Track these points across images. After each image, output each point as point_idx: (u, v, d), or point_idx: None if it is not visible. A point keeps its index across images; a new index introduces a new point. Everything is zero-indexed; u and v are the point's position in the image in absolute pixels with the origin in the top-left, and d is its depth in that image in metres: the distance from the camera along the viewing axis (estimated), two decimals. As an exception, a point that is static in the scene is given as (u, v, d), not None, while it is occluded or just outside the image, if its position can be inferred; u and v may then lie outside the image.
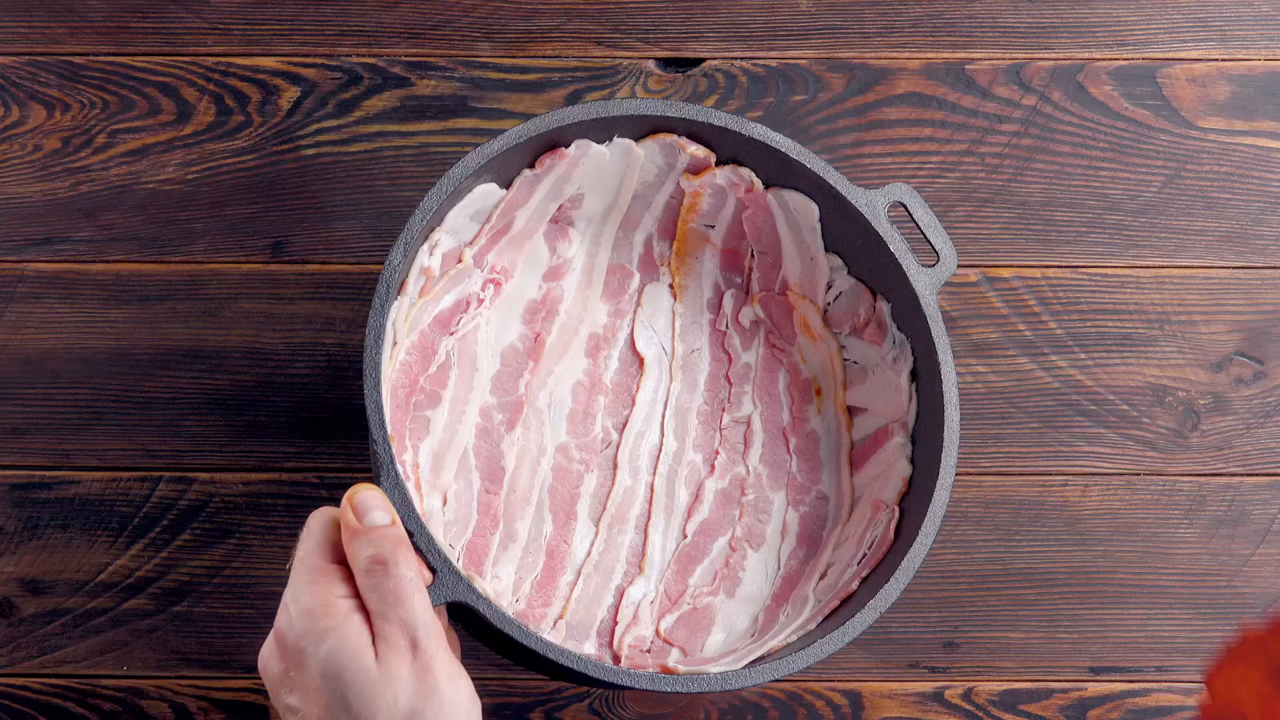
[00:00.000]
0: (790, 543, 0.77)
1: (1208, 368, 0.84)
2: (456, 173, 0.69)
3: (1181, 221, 0.85)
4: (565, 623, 0.75)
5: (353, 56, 0.85)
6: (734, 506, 0.77)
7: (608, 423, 0.78)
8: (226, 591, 0.81)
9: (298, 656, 0.59)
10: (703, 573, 0.77)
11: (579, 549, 0.76)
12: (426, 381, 0.75)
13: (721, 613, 0.76)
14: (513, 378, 0.77)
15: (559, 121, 0.71)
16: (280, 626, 0.61)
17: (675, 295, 0.80)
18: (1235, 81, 0.86)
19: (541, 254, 0.78)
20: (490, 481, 0.76)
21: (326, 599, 0.60)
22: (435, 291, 0.73)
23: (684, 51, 0.86)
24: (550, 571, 0.76)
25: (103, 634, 0.81)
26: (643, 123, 0.73)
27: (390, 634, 0.59)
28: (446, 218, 0.72)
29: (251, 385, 0.82)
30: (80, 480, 0.82)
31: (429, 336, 0.74)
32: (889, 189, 0.73)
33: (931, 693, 0.82)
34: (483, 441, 0.76)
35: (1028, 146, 0.86)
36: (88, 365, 0.82)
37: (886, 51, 0.86)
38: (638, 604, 0.76)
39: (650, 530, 0.77)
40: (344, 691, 0.58)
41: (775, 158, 0.73)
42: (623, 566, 0.76)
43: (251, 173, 0.84)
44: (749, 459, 0.78)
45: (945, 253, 0.73)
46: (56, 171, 0.84)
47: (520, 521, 0.76)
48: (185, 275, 0.83)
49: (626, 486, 0.77)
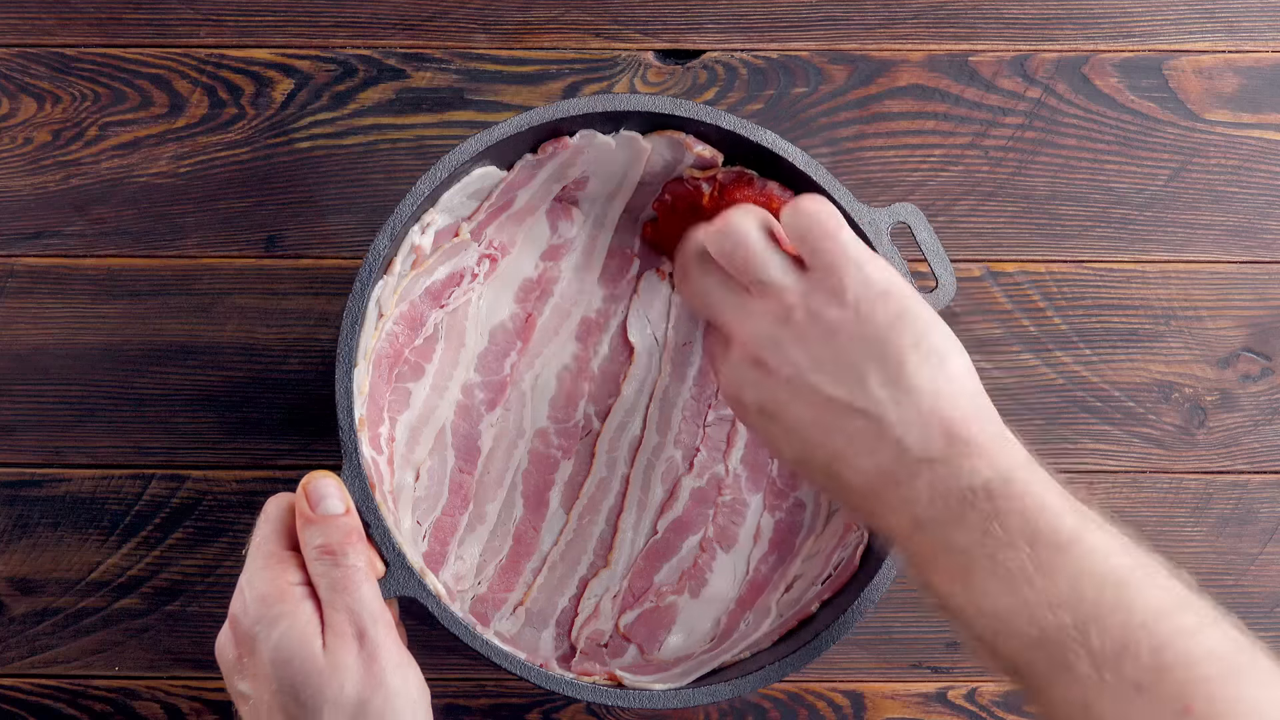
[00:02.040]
0: (762, 547, 0.76)
1: (1215, 364, 0.84)
2: (453, 158, 0.69)
3: (1188, 216, 0.85)
4: (525, 609, 0.74)
5: (347, 48, 0.84)
6: (709, 506, 0.77)
7: (590, 410, 0.77)
8: (219, 591, 0.80)
9: (250, 643, 0.60)
10: (669, 570, 0.76)
11: (547, 536, 0.76)
12: (411, 353, 0.74)
13: (684, 613, 0.75)
14: (499, 357, 0.76)
15: (564, 113, 0.70)
16: (234, 612, 0.61)
17: (673, 285, 0.79)
18: (1243, 73, 0.85)
19: (543, 232, 0.77)
20: (465, 460, 0.75)
21: (280, 585, 0.60)
22: (429, 263, 0.72)
23: (683, 43, 0.85)
24: (515, 556, 0.75)
25: (94, 634, 0.80)
26: (650, 119, 0.72)
27: (338, 622, 0.59)
28: (441, 199, 0.71)
29: (245, 382, 0.82)
30: (71, 478, 0.81)
31: (418, 308, 0.73)
32: (894, 209, 0.72)
33: (934, 693, 0.81)
34: (462, 419, 0.75)
35: (1032, 139, 0.85)
36: (79, 361, 0.82)
37: (889, 43, 0.85)
38: (600, 597, 0.75)
39: (621, 523, 0.76)
40: (292, 678, 0.59)
41: (781, 165, 0.72)
42: (589, 557, 0.76)
43: (245, 166, 0.83)
44: (730, 459, 0.77)
45: (945, 280, 0.72)
46: (47, 165, 0.83)
47: (491, 503, 0.75)
48: (177, 270, 0.82)
49: (602, 477, 0.77)
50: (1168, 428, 0.83)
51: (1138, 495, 0.83)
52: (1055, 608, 0.54)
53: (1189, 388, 0.83)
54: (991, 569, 0.56)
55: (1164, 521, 0.83)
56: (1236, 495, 0.83)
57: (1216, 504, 0.83)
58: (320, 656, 0.59)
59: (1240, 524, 0.82)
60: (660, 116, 0.72)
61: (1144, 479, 0.83)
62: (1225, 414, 0.83)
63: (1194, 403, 0.83)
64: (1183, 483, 0.83)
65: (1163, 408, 0.83)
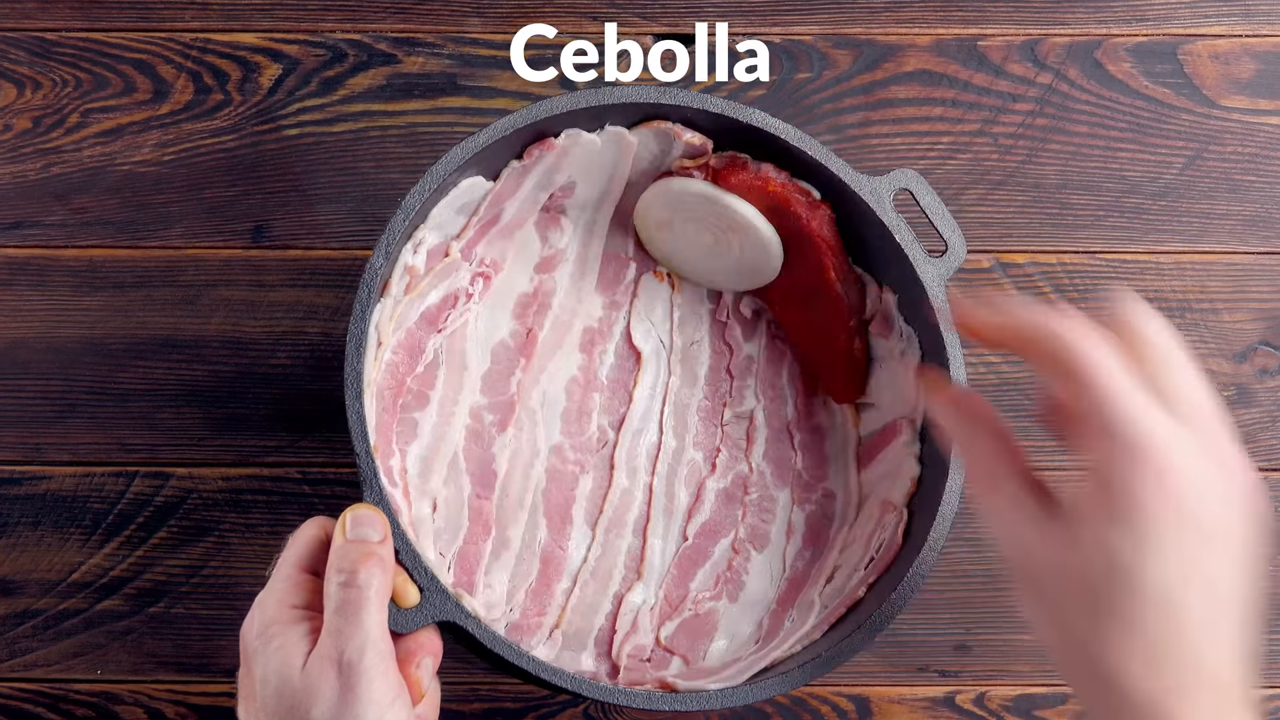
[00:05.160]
0: (796, 543, 0.75)
1: (1231, 358, 0.83)
2: (440, 169, 0.67)
3: (1203, 205, 0.84)
4: (561, 632, 0.73)
5: (337, 32, 0.83)
6: (737, 506, 0.75)
7: (604, 421, 0.76)
8: (205, 592, 0.79)
9: (247, 662, 0.60)
10: (704, 577, 0.74)
11: (575, 555, 0.74)
12: (414, 382, 0.73)
13: (724, 618, 0.74)
14: (504, 376, 0.75)
15: (547, 112, 0.69)
16: (241, 631, 0.61)
17: (673, 285, 0.77)
18: (1260, 58, 0.84)
19: (533, 244, 0.76)
20: (481, 486, 0.74)
21: (281, 608, 0.60)
22: (422, 287, 0.71)
23: (682, 27, 0.84)
24: (545, 579, 0.74)
25: (75, 636, 0.79)
26: (635, 110, 0.71)
27: (325, 646, 0.58)
28: (431, 214, 0.70)
29: (231, 376, 0.81)
30: (52, 475, 0.80)
31: (416, 335, 0.72)
32: (894, 175, 0.70)
33: (942, 697, 0.80)
34: (473, 444, 0.74)
35: (1043, 127, 0.84)
36: (60, 355, 0.81)
37: (895, 27, 0.84)
38: (636, 611, 0.74)
39: (649, 533, 0.75)
40: (272, 698, 0.58)
41: (774, 145, 0.70)
42: (620, 572, 0.74)
43: (231, 154, 0.82)
44: (752, 456, 0.76)
45: (954, 241, 0.71)
46: (27, 153, 0.82)
47: (513, 527, 0.74)
48: (162, 261, 0.81)
49: (624, 488, 0.75)
50: (1182, 424, 0.82)
51: (1151, 493, 0.81)
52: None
53: (1204, 382, 0.82)
54: None
55: (1179, 520, 0.81)
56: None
57: (1233, 502, 0.81)
58: (296, 678, 0.58)
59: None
60: (646, 106, 0.70)
61: (1158, 476, 0.81)
62: (1242, 409, 0.82)
63: (1210, 398, 0.82)
64: (1198, 480, 0.81)
65: (1177, 403, 0.82)
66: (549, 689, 0.65)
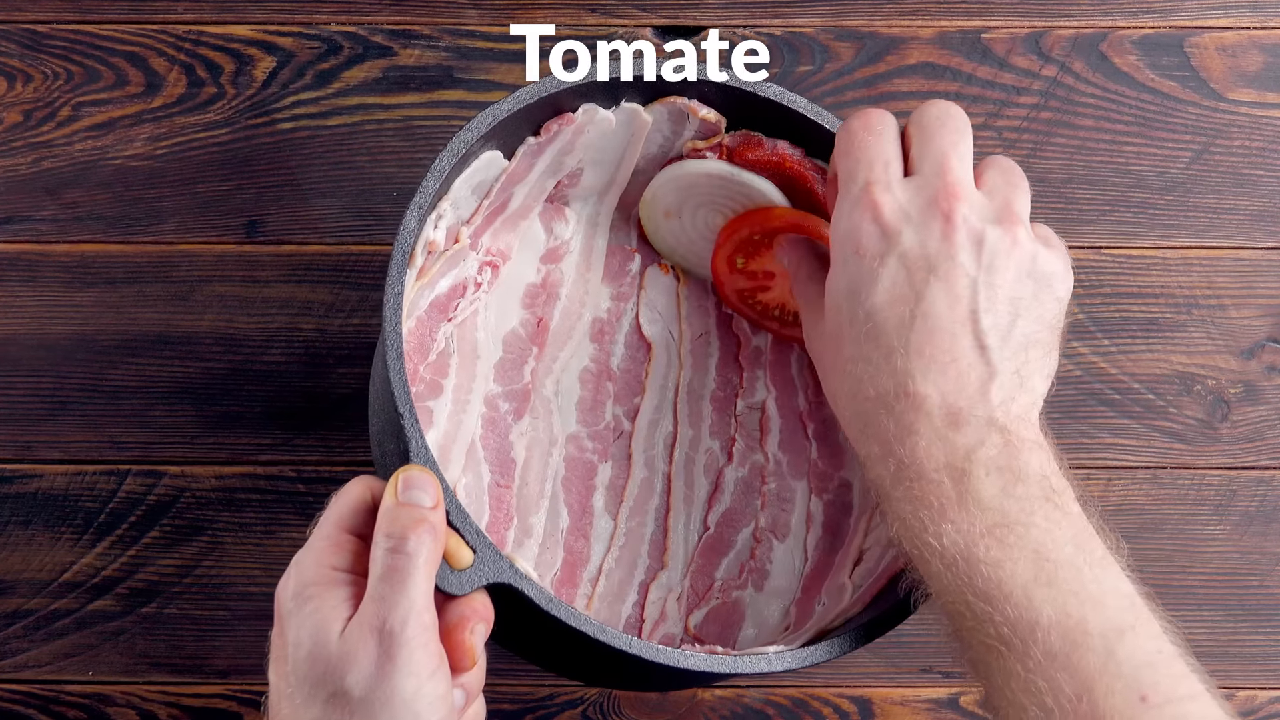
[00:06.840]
0: (816, 532, 0.75)
1: (1238, 354, 0.82)
2: (467, 134, 0.66)
3: (1211, 200, 0.83)
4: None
5: (332, 24, 0.83)
6: (755, 496, 0.76)
7: (618, 411, 0.76)
8: (198, 592, 0.79)
9: (281, 623, 0.58)
10: (729, 565, 0.75)
11: (598, 544, 0.74)
12: (426, 371, 0.73)
13: (751, 607, 0.74)
14: (516, 365, 0.75)
15: (567, 83, 0.68)
16: (277, 591, 0.59)
17: (679, 278, 0.78)
18: (1268, 51, 0.84)
19: (538, 235, 0.76)
20: (501, 474, 0.73)
21: (321, 568, 0.58)
22: (431, 275, 0.71)
23: (682, 19, 0.84)
24: (570, 568, 0.74)
25: (66, 637, 0.79)
26: (654, 85, 0.70)
27: (367, 613, 0.56)
28: (452, 187, 0.69)
29: (224, 373, 0.80)
30: (43, 474, 0.79)
31: (426, 323, 0.72)
32: None
33: (946, 699, 0.80)
34: (490, 432, 0.74)
35: (1048, 120, 0.83)
36: (50, 352, 0.80)
37: (898, 19, 0.84)
38: (664, 599, 0.74)
39: (671, 522, 0.75)
40: (305, 662, 0.56)
41: (792, 119, 0.70)
42: (644, 560, 0.74)
43: (224, 148, 0.82)
44: (768, 446, 0.76)
45: None
46: (17, 146, 0.81)
47: (535, 515, 0.73)
48: (154, 256, 0.81)
49: (643, 477, 0.75)
50: (1189, 421, 0.82)
51: (1158, 492, 0.81)
52: None
53: (1211, 379, 0.82)
54: None
55: (1185, 520, 0.81)
56: (1261, 492, 0.81)
57: (1240, 501, 0.81)
58: (334, 643, 0.56)
59: (1265, 522, 0.81)
60: (663, 81, 0.70)
61: (1164, 475, 0.82)
62: (1249, 407, 0.82)
63: (1217, 395, 0.82)
64: (1205, 479, 0.81)
65: (1184, 400, 0.82)
66: (590, 665, 0.63)
